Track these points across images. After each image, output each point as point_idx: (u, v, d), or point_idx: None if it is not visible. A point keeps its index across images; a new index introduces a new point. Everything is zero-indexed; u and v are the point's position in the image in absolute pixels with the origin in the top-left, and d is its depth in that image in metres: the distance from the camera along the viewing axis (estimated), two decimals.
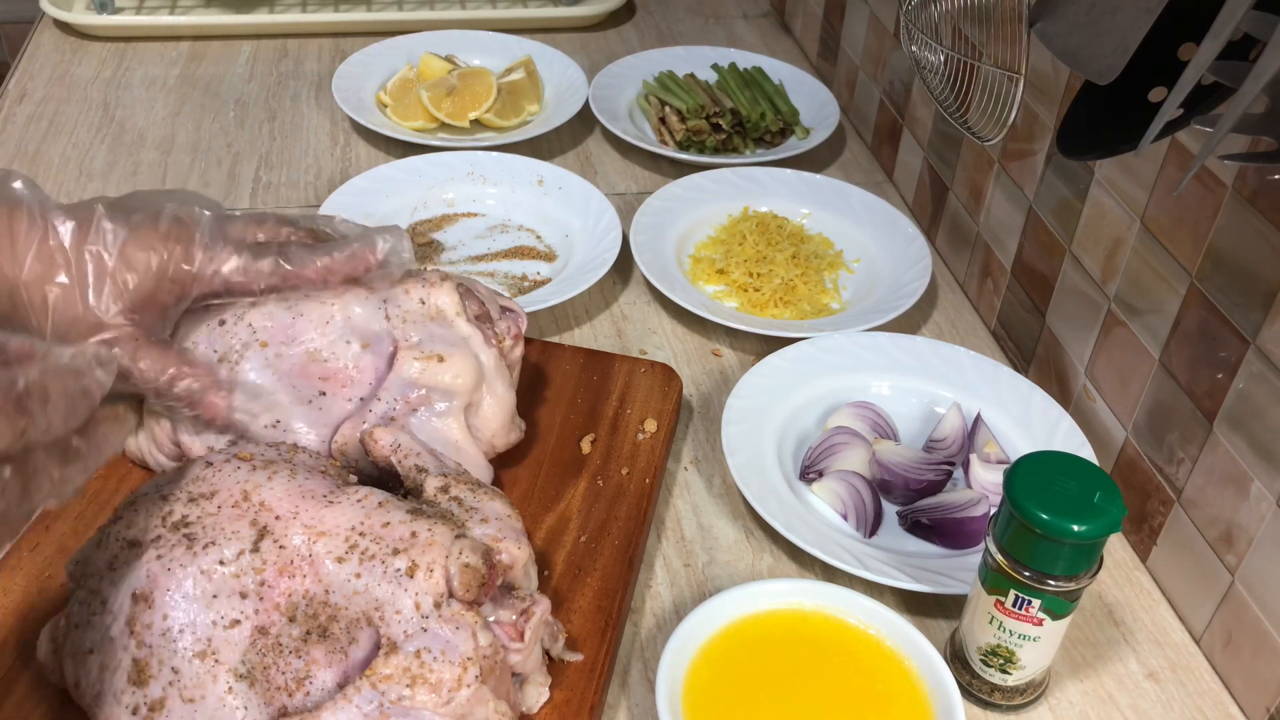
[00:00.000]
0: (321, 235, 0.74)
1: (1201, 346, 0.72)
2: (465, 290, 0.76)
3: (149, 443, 0.74)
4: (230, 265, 0.68)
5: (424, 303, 0.74)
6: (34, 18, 1.44)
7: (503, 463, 0.79)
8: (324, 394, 0.72)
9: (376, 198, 1.08)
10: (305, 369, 0.72)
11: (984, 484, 0.80)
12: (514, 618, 0.61)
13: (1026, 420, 0.85)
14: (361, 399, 0.73)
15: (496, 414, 0.75)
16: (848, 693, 0.64)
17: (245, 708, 0.56)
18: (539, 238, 1.07)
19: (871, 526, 0.79)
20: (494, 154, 1.14)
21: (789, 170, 1.14)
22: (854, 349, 0.91)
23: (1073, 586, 0.62)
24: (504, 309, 0.79)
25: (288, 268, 0.69)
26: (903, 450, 0.82)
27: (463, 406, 0.74)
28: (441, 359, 0.72)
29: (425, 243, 1.06)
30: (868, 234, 1.07)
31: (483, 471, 0.75)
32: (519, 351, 0.79)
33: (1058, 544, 0.60)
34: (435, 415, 0.73)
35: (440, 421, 0.73)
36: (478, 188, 1.12)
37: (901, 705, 0.63)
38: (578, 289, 0.96)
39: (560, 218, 1.08)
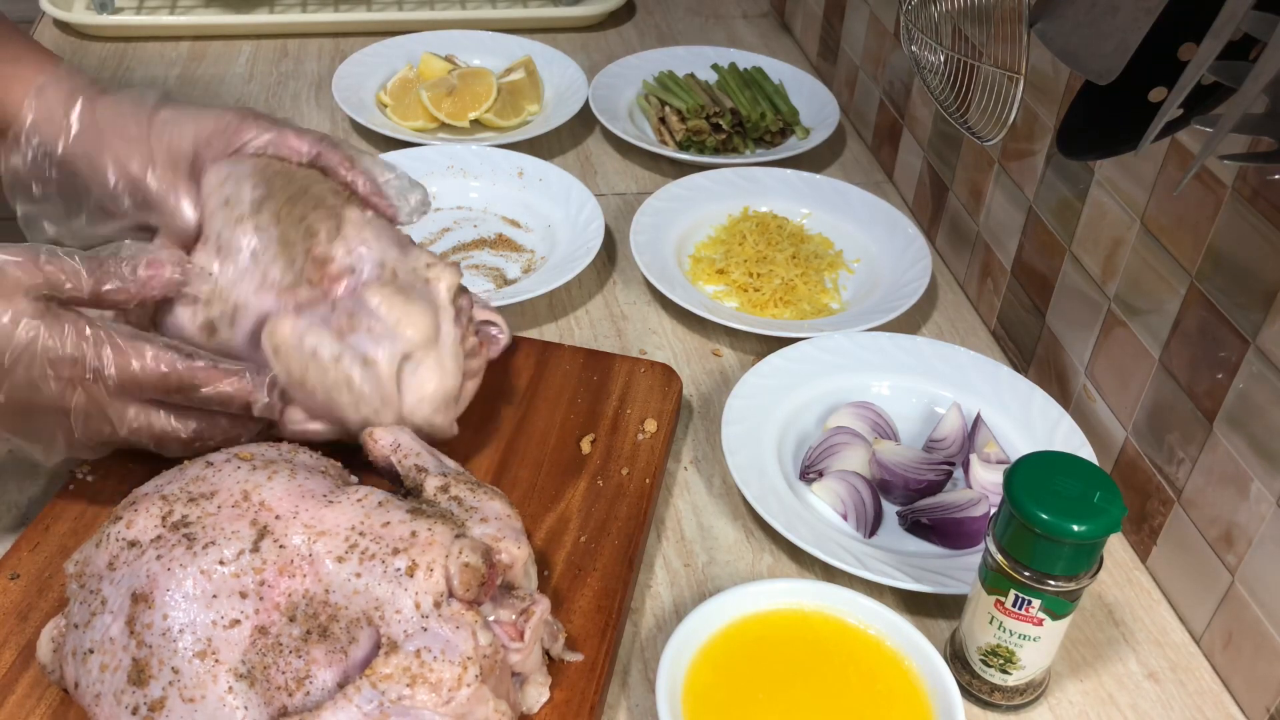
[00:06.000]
0: None
1: (1201, 346, 0.72)
2: (464, 289, 0.77)
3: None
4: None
5: (428, 266, 0.75)
6: (34, 18, 1.44)
7: (503, 463, 0.79)
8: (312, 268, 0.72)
9: None
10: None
11: (984, 484, 0.80)
12: (514, 617, 0.61)
13: (1026, 420, 0.85)
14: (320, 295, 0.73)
15: (432, 382, 0.73)
16: (848, 693, 0.64)
17: (245, 708, 0.56)
18: (521, 227, 1.09)
19: (871, 526, 0.79)
20: (473, 147, 1.14)
21: (789, 170, 1.14)
22: (854, 349, 0.91)
23: (1073, 586, 0.62)
24: (488, 324, 0.80)
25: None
26: (903, 450, 0.82)
27: (401, 353, 0.72)
28: (405, 300, 0.72)
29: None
30: (868, 234, 1.07)
31: (391, 408, 0.73)
32: (479, 363, 0.78)
33: (1058, 544, 0.60)
34: (371, 339, 0.72)
35: (374, 346, 0.72)
36: (458, 181, 1.12)
37: (901, 705, 0.63)
38: (564, 278, 0.97)
39: (542, 209, 1.09)
